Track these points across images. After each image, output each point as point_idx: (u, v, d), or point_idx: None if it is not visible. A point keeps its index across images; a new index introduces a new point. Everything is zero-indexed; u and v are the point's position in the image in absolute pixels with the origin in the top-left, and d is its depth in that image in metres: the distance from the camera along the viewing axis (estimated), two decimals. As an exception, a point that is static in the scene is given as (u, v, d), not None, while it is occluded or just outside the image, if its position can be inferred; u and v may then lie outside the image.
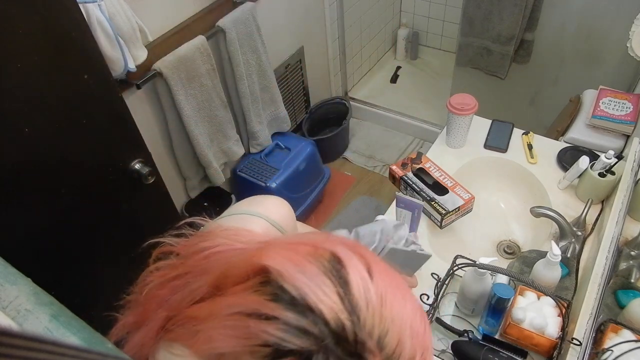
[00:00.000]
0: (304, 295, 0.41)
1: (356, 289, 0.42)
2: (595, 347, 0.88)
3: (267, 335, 0.41)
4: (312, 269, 0.43)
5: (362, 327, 0.41)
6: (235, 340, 0.43)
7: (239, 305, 0.44)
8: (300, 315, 0.41)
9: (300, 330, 0.40)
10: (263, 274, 0.45)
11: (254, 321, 0.42)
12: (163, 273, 0.60)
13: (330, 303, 0.41)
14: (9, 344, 0.20)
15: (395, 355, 0.42)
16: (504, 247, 1.30)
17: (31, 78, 0.93)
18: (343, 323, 0.40)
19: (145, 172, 1.21)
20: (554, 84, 2.05)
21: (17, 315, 0.65)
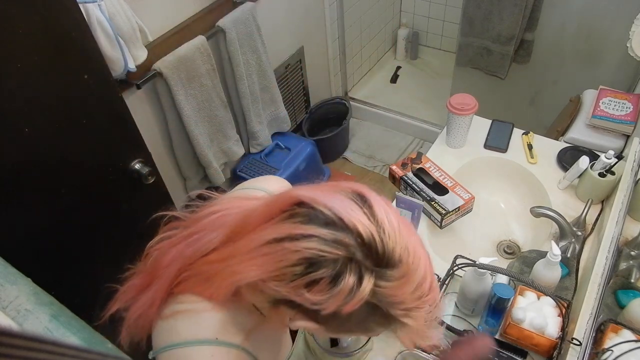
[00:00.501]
0: (337, 213, 0.47)
1: (379, 212, 0.48)
2: (595, 347, 0.88)
3: (304, 251, 0.46)
4: (339, 197, 0.49)
5: (387, 241, 0.46)
6: (267, 264, 0.48)
7: (267, 235, 0.50)
8: (335, 230, 0.46)
9: (336, 243, 0.46)
10: (288, 210, 0.50)
11: (288, 243, 0.47)
12: (172, 239, 0.63)
13: (361, 219, 0.46)
14: (9, 344, 0.20)
15: (413, 268, 0.48)
16: (504, 247, 1.30)
17: (31, 78, 0.93)
18: (373, 236, 0.46)
19: (145, 172, 1.21)
20: (554, 84, 2.05)
21: (17, 315, 0.65)
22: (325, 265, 0.46)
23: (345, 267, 0.46)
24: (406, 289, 0.48)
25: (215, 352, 0.56)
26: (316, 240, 0.46)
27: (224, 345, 0.57)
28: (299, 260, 0.47)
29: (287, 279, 0.48)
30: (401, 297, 0.48)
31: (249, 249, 0.51)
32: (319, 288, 0.47)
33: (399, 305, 0.49)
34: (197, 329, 0.56)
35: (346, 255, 0.46)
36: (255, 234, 0.52)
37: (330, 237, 0.46)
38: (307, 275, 0.47)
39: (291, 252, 0.47)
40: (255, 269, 0.50)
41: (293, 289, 0.48)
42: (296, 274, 0.47)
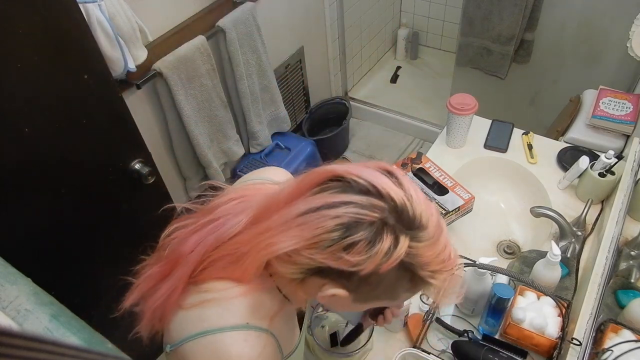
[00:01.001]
0: (371, 182, 0.52)
1: (404, 182, 0.54)
2: (595, 347, 0.88)
3: (343, 216, 0.51)
4: (370, 170, 0.54)
5: (416, 207, 0.52)
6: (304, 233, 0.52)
7: (302, 206, 0.54)
8: (370, 196, 0.51)
9: (372, 207, 0.51)
10: (320, 184, 0.55)
11: (325, 210, 0.52)
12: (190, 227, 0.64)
13: (392, 187, 0.52)
14: (9, 344, 0.20)
15: (438, 232, 0.54)
16: (504, 247, 1.30)
17: (31, 78, 0.93)
18: (404, 202, 0.51)
19: (145, 172, 1.21)
20: (554, 84, 2.05)
21: (17, 315, 0.65)
22: (363, 228, 0.50)
23: (382, 229, 0.51)
24: (434, 251, 0.53)
25: (247, 336, 0.58)
26: (353, 205, 0.51)
27: (254, 329, 0.59)
28: (337, 225, 0.50)
29: (324, 245, 0.51)
30: (429, 258, 0.53)
31: (282, 222, 0.54)
32: (357, 250, 0.50)
33: (427, 266, 0.53)
34: (228, 315, 0.58)
35: (382, 218, 0.51)
36: (287, 208, 0.55)
37: (366, 202, 0.51)
38: (346, 238, 0.50)
39: (329, 219, 0.51)
40: (290, 238, 0.53)
41: (331, 253, 0.51)
42: (334, 239, 0.51)
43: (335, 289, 0.55)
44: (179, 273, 0.61)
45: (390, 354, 0.94)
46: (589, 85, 1.65)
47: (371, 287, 0.55)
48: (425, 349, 0.98)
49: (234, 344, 0.57)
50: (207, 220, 0.64)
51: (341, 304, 0.60)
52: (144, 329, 0.63)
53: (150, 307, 0.62)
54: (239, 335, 0.57)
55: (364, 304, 0.60)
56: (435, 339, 1.04)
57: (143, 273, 0.65)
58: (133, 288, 0.64)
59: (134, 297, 0.63)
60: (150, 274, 0.64)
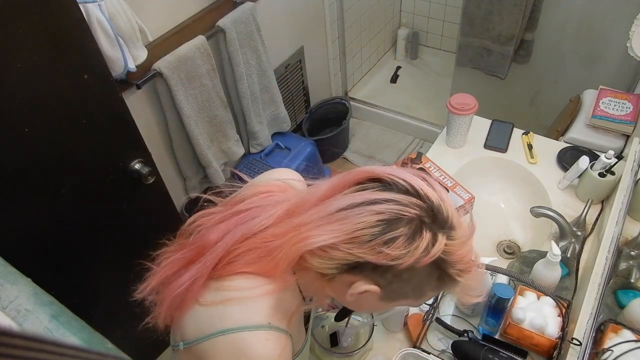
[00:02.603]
0: (411, 183, 0.55)
1: (438, 188, 0.56)
2: (595, 347, 0.88)
3: (385, 212, 0.53)
4: (407, 172, 0.57)
5: (448, 208, 0.55)
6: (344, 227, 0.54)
7: (342, 202, 0.56)
8: (410, 196, 0.55)
9: (412, 205, 0.54)
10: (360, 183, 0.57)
11: (367, 206, 0.54)
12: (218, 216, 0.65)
13: (428, 189, 0.55)
14: (9, 344, 0.20)
15: (467, 233, 0.57)
16: (504, 247, 1.30)
17: (31, 78, 0.93)
18: (440, 203, 0.55)
19: (145, 172, 1.21)
20: (554, 84, 2.05)
21: (17, 315, 0.65)
22: (403, 224, 0.53)
23: (420, 226, 0.54)
24: (464, 250, 0.56)
25: (270, 336, 0.58)
26: (394, 203, 0.54)
27: (276, 330, 0.59)
28: (378, 221, 0.53)
29: (365, 239, 0.53)
30: (459, 257, 0.56)
31: (320, 216, 0.56)
32: (397, 244, 0.53)
33: (457, 264, 0.56)
34: (251, 314, 0.58)
35: (420, 216, 0.54)
36: (324, 204, 0.57)
37: (406, 200, 0.54)
38: (387, 233, 0.53)
39: (371, 214, 0.53)
40: (329, 232, 0.54)
41: (371, 248, 0.53)
42: (374, 233, 0.53)
43: (367, 285, 0.56)
44: (205, 261, 0.60)
45: (390, 354, 0.94)
46: (589, 85, 1.65)
47: (402, 283, 0.57)
48: (425, 349, 0.98)
49: (257, 343, 0.57)
50: (234, 210, 0.64)
51: (367, 302, 0.61)
52: (161, 317, 0.63)
53: (170, 294, 0.61)
54: (262, 335, 0.57)
55: (390, 302, 0.62)
56: (435, 339, 1.04)
57: (164, 259, 0.65)
58: (153, 273, 0.64)
59: (154, 282, 0.63)
60: (172, 260, 0.64)
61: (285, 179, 0.73)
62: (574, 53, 1.93)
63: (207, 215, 0.66)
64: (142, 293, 0.63)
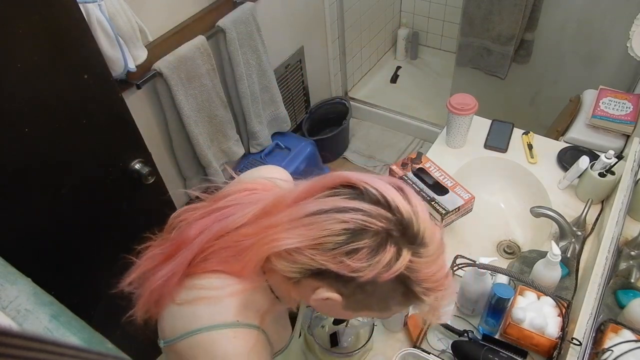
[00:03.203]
0: (382, 193, 0.53)
1: (413, 199, 0.54)
2: (595, 347, 0.88)
3: (350, 221, 0.52)
4: (382, 182, 0.55)
5: (421, 223, 0.53)
6: (310, 232, 0.53)
7: (312, 207, 0.55)
8: (379, 207, 0.52)
9: (379, 217, 0.52)
10: (333, 188, 0.56)
11: (334, 214, 0.53)
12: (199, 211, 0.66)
13: (402, 201, 0.53)
14: (9, 344, 0.20)
15: (438, 251, 0.54)
16: (504, 247, 1.30)
17: (31, 78, 0.93)
18: (411, 217, 0.52)
19: (145, 172, 1.21)
20: (554, 84, 2.05)
21: (17, 315, 0.65)
22: (368, 236, 0.51)
23: (386, 239, 0.52)
24: (432, 269, 0.54)
25: (237, 333, 0.59)
26: (362, 213, 0.52)
27: (244, 326, 0.60)
28: (343, 230, 0.52)
29: (328, 247, 0.52)
30: (426, 275, 0.54)
31: (289, 219, 0.55)
32: (359, 256, 0.51)
33: (423, 282, 0.54)
34: (218, 314, 0.59)
35: (387, 229, 0.52)
36: (296, 207, 0.56)
37: (375, 211, 0.52)
38: (350, 244, 0.51)
39: (337, 222, 0.52)
40: (296, 236, 0.54)
41: (333, 257, 0.52)
42: (338, 242, 0.52)
43: (330, 293, 0.55)
44: (181, 257, 0.61)
45: (390, 354, 0.94)
46: (589, 85, 1.65)
47: (365, 295, 0.55)
48: (425, 349, 0.98)
49: (224, 340, 0.58)
50: (216, 207, 0.65)
51: (332, 309, 0.60)
52: (139, 312, 0.64)
53: (148, 288, 0.62)
54: (228, 333, 0.58)
55: (355, 312, 0.61)
56: (435, 339, 1.04)
57: (146, 253, 0.66)
58: (135, 267, 0.65)
59: (134, 275, 0.64)
60: (152, 255, 0.65)
61: (271, 178, 0.73)
62: (574, 53, 1.93)
63: (191, 211, 0.67)
64: (123, 286, 0.64)
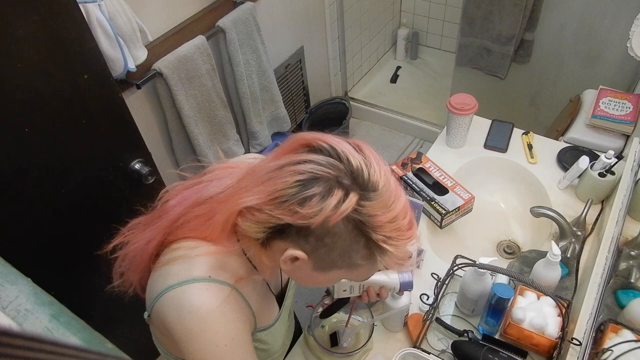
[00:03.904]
0: (333, 145, 0.56)
1: (369, 154, 0.57)
2: (595, 347, 0.88)
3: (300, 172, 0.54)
4: (336, 138, 0.58)
5: (372, 173, 0.55)
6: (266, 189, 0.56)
7: (270, 166, 0.58)
8: (330, 157, 0.56)
9: (328, 165, 0.55)
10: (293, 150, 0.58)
11: (287, 167, 0.55)
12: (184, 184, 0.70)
13: (352, 152, 0.56)
14: (9, 344, 0.20)
15: (392, 199, 0.56)
16: (504, 247, 1.30)
17: (31, 78, 0.93)
18: (360, 165, 0.55)
19: (145, 172, 1.21)
20: (554, 84, 2.05)
21: (17, 315, 0.65)
22: (317, 184, 0.54)
23: (335, 185, 0.54)
24: (387, 215, 0.56)
25: (208, 287, 0.61)
26: (312, 163, 0.55)
27: (216, 282, 0.62)
28: (296, 182, 0.55)
29: (283, 199, 0.55)
30: (381, 222, 0.56)
31: (252, 181, 0.59)
32: (311, 204, 0.54)
33: (380, 230, 0.56)
34: (191, 269, 0.61)
35: (336, 176, 0.55)
36: (259, 169, 0.59)
37: (324, 161, 0.55)
38: (301, 193, 0.54)
39: (290, 174, 0.55)
40: (255, 194, 0.57)
41: (287, 208, 0.55)
42: (292, 193, 0.54)
43: (294, 251, 0.57)
44: (159, 223, 0.66)
45: (390, 354, 0.94)
46: (589, 85, 1.65)
47: (327, 249, 0.57)
48: (425, 349, 0.98)
49: (195, 293, 0.60)
50: (198, 180, 0.69)
51: (304, 272, 0.62)
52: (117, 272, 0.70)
53: (128, 254, 0.67)
54: (200, 286, 0.60)
55: (325, 273, 0.62)
56: (435, 339, 1.04)
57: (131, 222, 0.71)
58: (119, 234, 0.70)
59: (118, 240, 0.69)
60: (135, 222, 0.70)
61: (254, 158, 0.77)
62: (574, 53, 1.93)
63: (179, 185, 0.71)
64: (106, 249, 0.69)
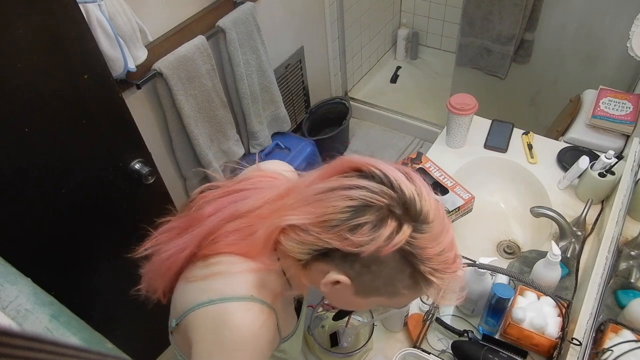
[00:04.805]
0: (386, 173, 0.55)
1: (418, 182, 0.57)
2: (595, 347, 0.88)
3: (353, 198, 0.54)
4: (386, 164, 0.57)
5: (424, 203, 0.54)
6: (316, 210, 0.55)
7: (320, 187, 0.57)
8: (382, 184, 0.55)
9: (381, 193, 0.54)
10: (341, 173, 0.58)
11: (339, 191, 0.55)
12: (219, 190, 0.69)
13: (405, 181, 0.55)
14: (9, 344, 0.20)
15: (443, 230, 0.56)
16: (504, 247, 1.30)
17: (31, 78, 0.93)
18: (413, 195, 0.54)
19: (145, 172, 1.21)
20: (554, 84, 2.05)
21: (17, 315, 0.65)
22: (370, 212, 0.53)
23: (388, 215, 0.54)
24: (437, 248, 0.55)
25: (251, 307, 0.60)
26: (365, 190, 0.54)
27: (258, 302, 0.61)
28: (347, 207, 0.54)
29: (333, 224, 0.54)
30: (431, 254, 0.55)
31: (299, 199, 0.58)
32: (362, 232, 0.53)
33: (428, 262, 0.55)
34: (234, 287, 0.60)
35: (389, 205, 0.54)
36: (306, 189, 0.58)
37: (378, 189, 0.54)
38: (353, 219, 0.53)
39: (341, 199, 0.54)
40: (302, 213, 0.56)
41: (337, 233, 0.54)
42: (342, 219, 0.54)
43: (338, 275, 0.57)
44: (194, 232, 0.64)
45: (390, 354, 0.94)
46: (589, 85, 1.65)
47: (372, 276, 0.56)
48: (425, 349, 0.98)
49: (237, 312, 0.59)
50: (235, 188, 0.68)
51: (343, 295, 0.61)
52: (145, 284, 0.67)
53: (157, 260, 0.65)
54: (243, 305, 0.59)
55: (365, 299, 0.61)
56: (435, 339, 1.04)
57: (163, 226, 0.69)
58: (150, 237, 0.68)
59: (149, 244, 0.67)
60: (168, 228, 0.68)
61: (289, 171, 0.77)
62: (574, 53, 1.93)
63: (213, 189, 0.70)
64: (138, 253, 0.67)
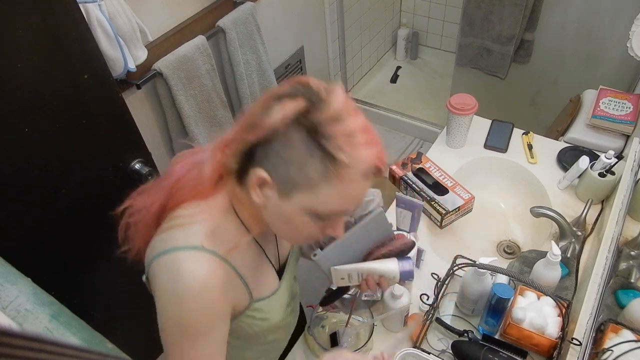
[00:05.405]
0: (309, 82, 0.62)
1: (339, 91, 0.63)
2: (595, 347, 0.88)
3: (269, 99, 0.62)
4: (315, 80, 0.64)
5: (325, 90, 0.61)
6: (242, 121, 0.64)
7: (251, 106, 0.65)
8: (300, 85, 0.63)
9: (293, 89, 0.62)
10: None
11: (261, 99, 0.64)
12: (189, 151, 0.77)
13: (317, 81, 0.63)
14: (9, 344, 0.20)
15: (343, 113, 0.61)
16: (504, 247, 1.30)
17: (31, 78, 0.93)
18: (320, 88, 0.61)
19: (145, 172, 1.21)
20: (554, 84, 2.05)
21: (17, 315, 0.65)
22: (279, 101, 0.61)
23: (289, 99, 0.60)
24: (339, 126, 0.60)
25: (199, 256, 0.64)
26: (279, 90, 0.62)
27: (207, 252, 0.65)
28: (262, 104, 0.62)
29: (251, 123, 0.62)
30: (333, 130, 0.60)
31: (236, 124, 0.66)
32: (268, 115, 0.61)
33: (332, 139, 0.60)
34: (186, 237, 0.65)
35: (294, 94, 0.61)
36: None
37: (292, 88, 0.62)
38: (264, 111, 0.61)
39: (260, 103, 0.63)
40: (232, 130, 0.65)
41: (252, 128, 0.62)
42: (258, 113, 0.62)
43: (258, 169, 0.62)
44: (161, 186, 0.71)
45: (390, 354, 0.94)
46: (589, 85, 1.65)
47: (285, 164, 0.61)
48: (425, 349, 0.98)
49: (187, 261, 0.63)
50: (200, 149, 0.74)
51: (273, 207, 0.65)
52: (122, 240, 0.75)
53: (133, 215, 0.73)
54: (191, 255, 0.64)
55: (289, 200, 0.64)
56: (435, 339, 1.04)
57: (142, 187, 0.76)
58: (130, 196, 0.75)
59: (126, 203, 0.74)
60: (144, 188, 0.75)
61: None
62: (574, 53, 1.93)
63: (187, 153, 0.76)
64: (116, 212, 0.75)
